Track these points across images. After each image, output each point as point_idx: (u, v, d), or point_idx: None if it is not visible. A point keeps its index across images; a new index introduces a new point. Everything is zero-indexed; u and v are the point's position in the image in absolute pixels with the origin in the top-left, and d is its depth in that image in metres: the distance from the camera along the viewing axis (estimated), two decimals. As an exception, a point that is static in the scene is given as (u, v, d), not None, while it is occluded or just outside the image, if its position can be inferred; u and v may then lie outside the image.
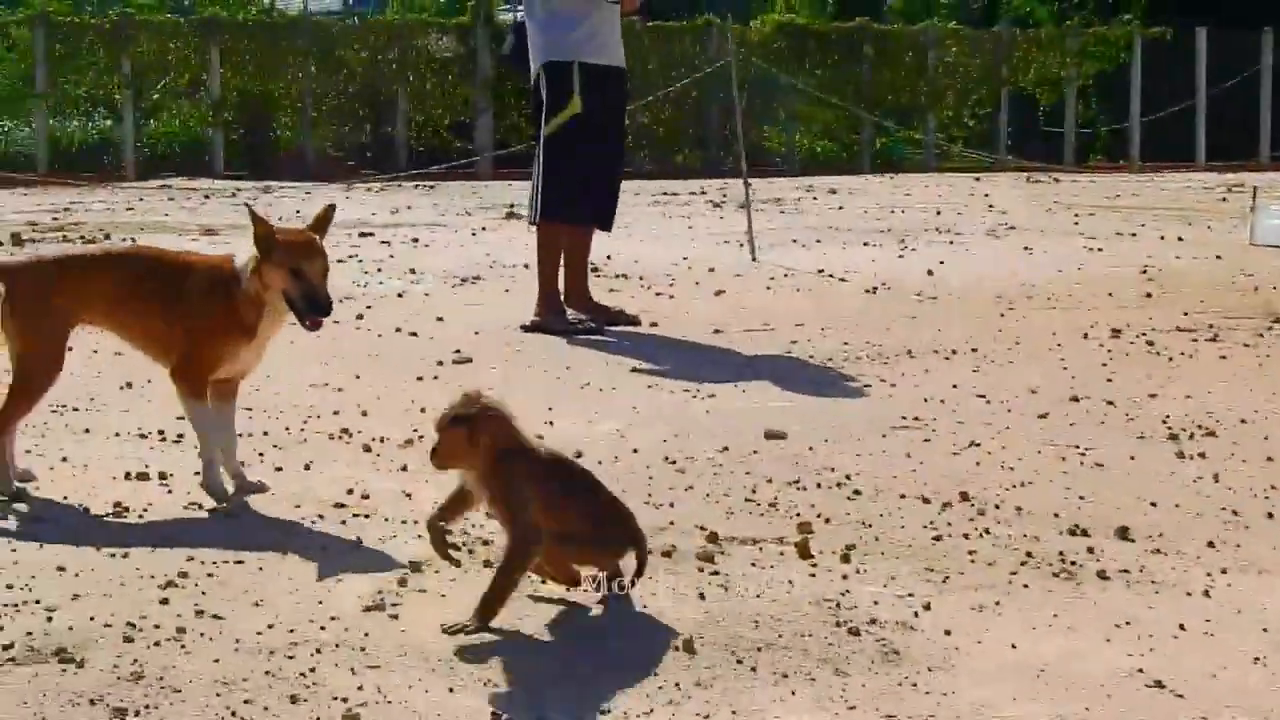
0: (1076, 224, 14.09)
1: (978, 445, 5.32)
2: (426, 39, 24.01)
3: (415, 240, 12.12)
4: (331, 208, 4.59)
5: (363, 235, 12.49)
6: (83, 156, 22.54)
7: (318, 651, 3.32)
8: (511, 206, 15.74)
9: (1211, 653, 3.48)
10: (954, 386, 6.29)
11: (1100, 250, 11.65)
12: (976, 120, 26.58)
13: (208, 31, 23.24)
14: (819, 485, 4.79)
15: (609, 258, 10.07)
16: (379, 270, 10.02)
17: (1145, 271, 10.24)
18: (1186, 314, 8.29)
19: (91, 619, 3.46)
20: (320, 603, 3.61)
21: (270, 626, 3.45)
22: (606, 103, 7.71)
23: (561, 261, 7.88)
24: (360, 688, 3.15)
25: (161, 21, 24.28)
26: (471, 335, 7.45)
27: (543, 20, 7.68)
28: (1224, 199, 17.63)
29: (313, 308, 4.34)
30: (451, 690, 3.17)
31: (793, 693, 3.22)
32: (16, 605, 3.55)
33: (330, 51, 23.84)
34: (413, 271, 9.95)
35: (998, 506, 4.58)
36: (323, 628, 3.45)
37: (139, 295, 4.49)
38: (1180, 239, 12.52)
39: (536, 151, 7.75)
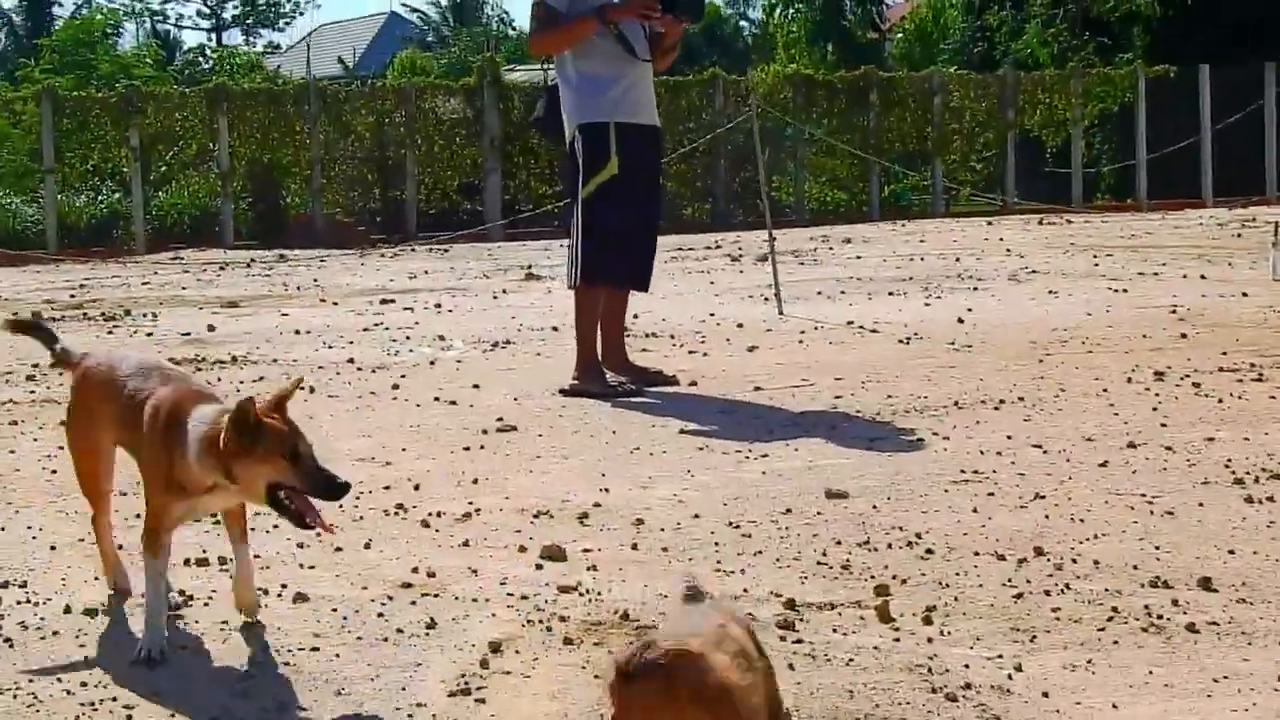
0: (1097, 265, 14.06)
1: (1043, 497, 5.23)
2: (433, 101, 24.08)
3: (438, 306, 12.08)
4: (299, 381, 3.92)
5: (384, 302, 12.47)
6: (92, 231, 22.54)
7: (408, 741, 3.23)
8: (529, 267, 15.73)
9: (1318, 705, 3.39)
10: (1008, 437, 6.21)
11: (1125, 291, 11.61)
12: (983, 164, 26.62)
13: (214, 101, 23.29)
14: (889, 545, 4.69)
15: (636, 317, 10.01)
16: (407, 338, 9.97)
17: (1175, 311, 10.18)
18: (1225, 354, 8.21)
19: (172, 716, 3.37)
20: (403, 689, 3.51)
21: (356, 716, 3.36)
22: (642, 162, 7.64)
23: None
24: (457, 778, 3.06)
25: (168, 93, 24.35)
26: (511, 402, 7.35)
27: (576, 82, 7.61)
28: (1238, 234, 17.63)
29: (329, 489, 3.61)
30: (551, 778, 3.08)
31: (900, 766, 3.14)
32: (94, 704, 3.45)
33: (337, 117, 23.89)
34: (441, 338, 9.89)
35: (1075, 561, 4.48)
36: (410, 715, 3.36)
37: (133, 424, 3.94)
38: (1203, 277, 12.49)
39: (574, 213, 7.68)
